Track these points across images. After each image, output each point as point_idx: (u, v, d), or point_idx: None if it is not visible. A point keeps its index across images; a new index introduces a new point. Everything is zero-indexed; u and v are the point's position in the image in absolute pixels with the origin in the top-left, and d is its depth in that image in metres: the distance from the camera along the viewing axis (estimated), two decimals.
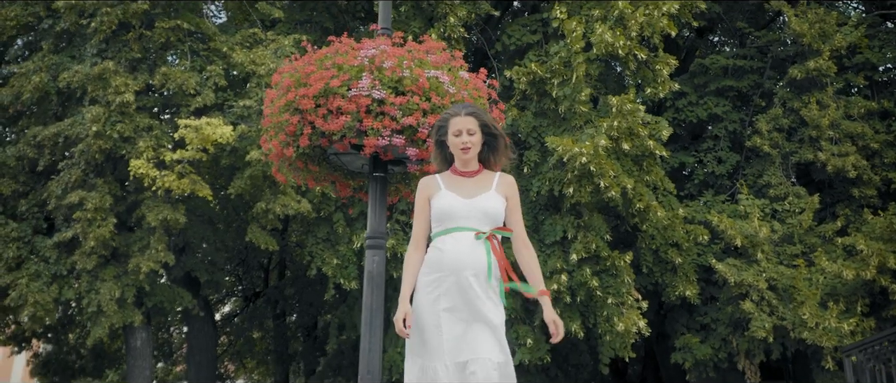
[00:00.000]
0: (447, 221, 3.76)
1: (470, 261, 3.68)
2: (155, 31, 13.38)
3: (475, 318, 3.65)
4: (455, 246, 3.70)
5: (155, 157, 12.55)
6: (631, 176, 13.43)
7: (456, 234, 3.73)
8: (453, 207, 3.76)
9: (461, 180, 3.88)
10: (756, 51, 17.37)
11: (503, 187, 3.88)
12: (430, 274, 3.73)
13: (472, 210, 3.75)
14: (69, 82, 12.56)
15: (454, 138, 3.87)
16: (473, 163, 3.91)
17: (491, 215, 3.77)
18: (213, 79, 13.24)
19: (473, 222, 3.74)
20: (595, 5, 14.28)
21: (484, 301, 3.67)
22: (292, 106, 5.41)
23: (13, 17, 13.37)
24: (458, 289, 3.67)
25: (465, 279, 3.65)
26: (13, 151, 13.18)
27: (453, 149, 3.88)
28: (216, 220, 16.04)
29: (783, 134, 15.25)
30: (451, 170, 3.94)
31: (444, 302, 3.67)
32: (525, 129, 14.31)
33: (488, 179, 3.89)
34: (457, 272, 3.67)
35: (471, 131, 3.86)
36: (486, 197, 3.79)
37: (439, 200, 3.81)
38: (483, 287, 3.69)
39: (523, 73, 13.94)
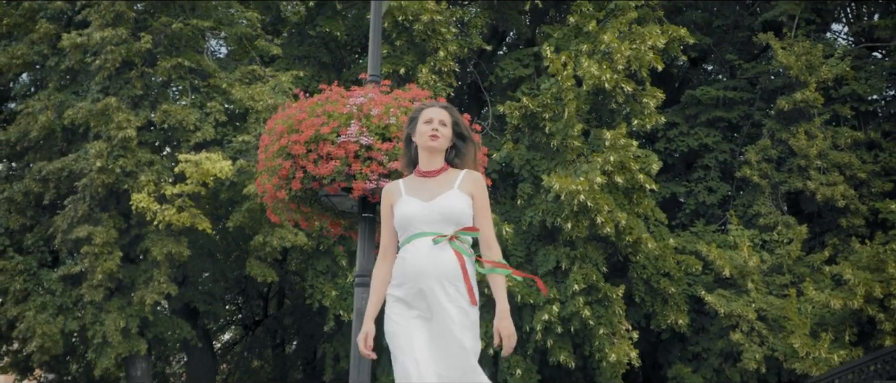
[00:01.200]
0: (408, 228, 3.53)
1: (431, 268, 3.43)
2: (156, 69, 13.75)
3: (447, 340, 3.39)
4: (415, 254, 3.47)
5: (156, 191, 12.85)
6: (622, 209, 13.71)
7: (416, 242, 3.50)
8: (412, 213, 3.52)
9: (423, 182, 3.61)
10: (746, 82, 17.71)
11: (468, 184, 3.57)
12: (398, 286, 3.53)
13: (431, 213, 3.50)
14: (73, 119, 12.89)
15: (423, 125, 3.61)
16: (438, 159, 3.63)
17: (452, 216, 3.49)
18: (213, 114, 13.57)
19: (433, 226, 3.49)
20: (583, 40, 14.63)
21: (454, 316, 3.40)
22: (285, 151, 5.70)
23: (20, 55, 13.74)
24: (424, 301, 3.46)
25: (430, 289, 3.43)
26: (19, 187, 13.50)
27: (420, 137, 3.61)
28: (216, 251, 16.31)
29: (772, 164, 15.54)
30: (414, 173, 3.69)
31: (414, 314, 3.48)
32: (519, 162, 14.60)
33: (451, 177, 3.60)
34: (420, 281, 3.44)
35: (443, 122, 3.62)
36: (447, 196, 3.52)
37: (400, 207, 3.58)
38: (451, 297, 3.43)
39: (515, 108, 14.26)
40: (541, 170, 14.28)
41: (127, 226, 13.85)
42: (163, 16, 13.93)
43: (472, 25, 15.45)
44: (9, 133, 13.54)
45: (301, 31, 16.88)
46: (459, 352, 3.37)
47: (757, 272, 13.94)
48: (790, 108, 15.37)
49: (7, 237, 13.80)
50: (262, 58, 15.17)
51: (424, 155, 3.63)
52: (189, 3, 14.30)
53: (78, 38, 12.90)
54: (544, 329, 13.25)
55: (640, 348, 13.97)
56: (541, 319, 13.16)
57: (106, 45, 12.93)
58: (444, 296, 3.42)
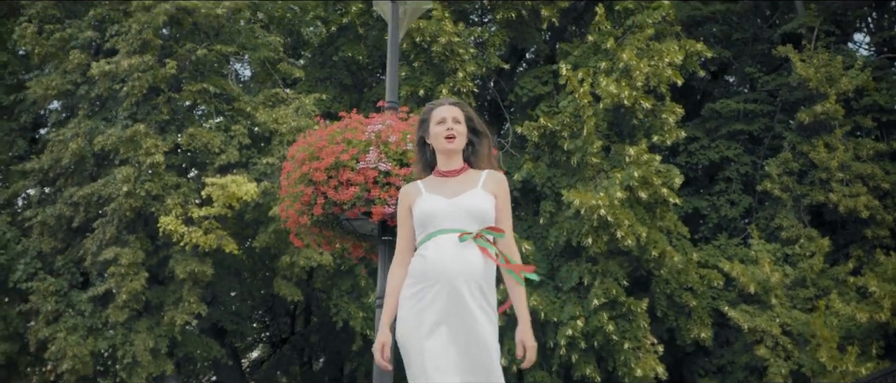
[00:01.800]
0: (429, 225, 3.40)
1: (457, 266, 3.30)
2: (182, 94, 14.06)
3: (468, 339, 3.25)
4: (438, 251, 3.33)
5: (183, 214, 13.13)
6: (644, 223, 13.78)
7: (439, 238, 3.36)
8: (434, 209, 3.40)
9: (444, 181, 3.52)
10: (767, 94, 17.72)
11: (491, 184, 3.49)
12: (414, 285, 3.36)
13: (456, 210, 3.38)
14: (104, 146, 13.22)
15: (437, 127, 3.53)
16: (457, 159, 3.55)
17: (477, 214, 3.39)
18: (238, 137, 13.85)
19: (458, 223, 3.37)
20: (602, 57, 14.74)
21: (477, 316, 3.27)
22: (306, 178, 5.90)
23: (54, 86, 14.12)
24: (447, 300, 3.27)
25: (455, 288, 3.27)
26: (52, 211, 13.84)
27: (436, 140, 3.53)
28: (242, 271, 16.57)
29: (794, 177, 15.53)
30: (433, 173, 3.59)
31: (431, 316, 3.28)
32: (540, 180, 14.72)
33: (474, 177, 3.51)
34: (443, 280, 3.28)
35: (456, 119, 3.53)
36: (471, 194, 3.42)
37: (420, 205, 3.45)
38: (475, 297, 3.30)
39: (534, 128, 14.37)
40: (561, 187, 14.39)
41: (154, 247, 14.13)
42: (188, 42, 14.24)
43: (490, 45, 15.61)
44: (42, 161, 13.89)
45: (323, 53, 17.16)
46: (484, 354, 3.23)
47: (780, 287, 13.92)
48: (811, 121, 15.37)
49: (39, 260, 14.14)
50: (284, 80, 15.45)
51: (442, 157, 3.54)
52: (213, 29, 14.61)
53: (106, 66, 13.24)
54: (568, 344, 13.33)
55: (665, 362, 14.00)
56: (564, 334, 13.25)
57: (133, 72, 13.25)
58: (470, 297, 3.27)
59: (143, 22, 13.39)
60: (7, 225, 14.58)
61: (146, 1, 13.55)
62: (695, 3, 18.28)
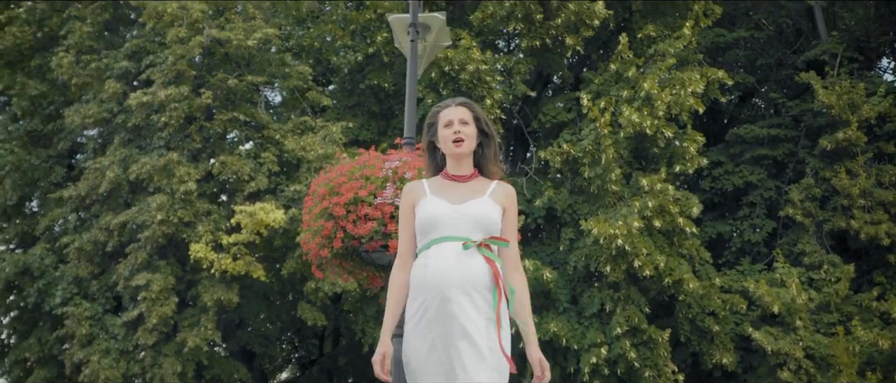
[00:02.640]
0: (432, 231, 3.25)
1: (457, 275, 3.14)
2: (214, 122, 14.50)
3: (454, 356, 3.06)
4: (440, 260, 3.17)
5: (212, 241, 13.52)
6: (662, 252, 13.92)
7: (441, 246, 3.21)
8: (438, 214, 3.24)
9: (451, 185, 3.36)
10: (791, 119, 17.80)
11: (500, 196, 3.35)
12: (416, 298, 3.21)
13: (461, 217, 3.22)
14: (138, 175, 13.68)
15: (444, 130, 3.36)
16: (467, 164, 3.39)
17: (483, 223, 3.24)
18: (267, 165, 14.24)
19: (462, 231, 3.21)
20: (623, 86, 14.95)
21: (480, 330, 3.09)
22: (327, 212, 6.21)
23: (90, 115, 14.64)
24: (445, 317, 3.11)
25: (454, 299, 3.11)
26: (88, 236, 14.31)
27: (444, 144, 3.37)
28: (270, 295, 16.94)
29: (816, 203, 15.58)
30: (441, 175, 3.43)
31: (435, 330, 3.12)
32: (561, 207, 14.92)
33: (483, 185, 3.37)
34: (443, 291, 3.12)
35: (464, 120, 3.36)
36: (478, 202, 3.28)
37: (424, 207, 3.29)
38: (478, 308, 3.13)
39: (556, 154, 14.60)
40: (582, 214, 14.58)
41: (183, 272, 14.54)
42: (220, 72, 14.70)
43: (516, 73, 15.88)
44: (79, 188, 14.38)
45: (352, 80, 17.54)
46: (482, 370, 3.06)
47: (805, 310, 13.97)
48: (833, 147, 15.44)
49: (75, 285, 14.61)
50: (313, 108, 15.84)
51: (452, 161, 3.39)
52: (244, 59, 15.06)
53: (144, 96, 13.72)
54: (591, 371, 13.47)
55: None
56: (588, 361, 13.39)
57: (170, 103, 13.71)
58: (472, 308, 3.12)
59: (179, 54, 13.85)
60: (46, 250, 15.07)
61: (181, 32, 14.01)
62: (719, 29, 18.42)
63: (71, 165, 17.34)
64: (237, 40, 14.09)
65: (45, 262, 14.96)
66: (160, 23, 14.30)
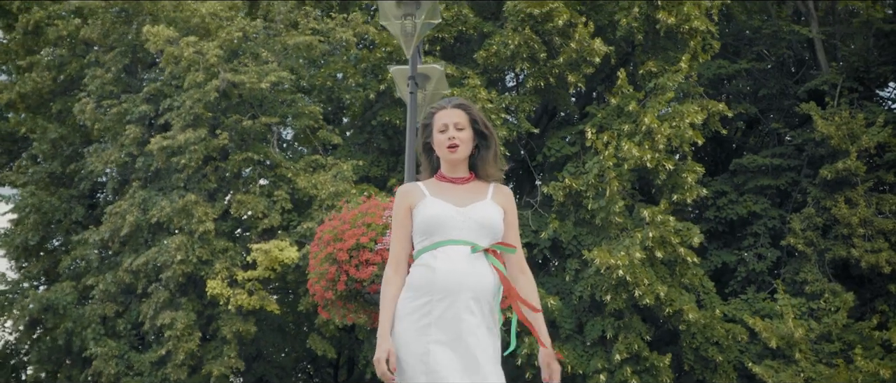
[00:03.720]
0: (436, 233, 3.13)
1: (469, 280, 3.07)
2: (229, 162, 15.04)
3: (466, 364, 3.00)
4: (450, 263, 3.07)
5: (228, 277, 14.02)
6: (664, 282, 14.25)
7: (448, 249, 3.10)
8: (444, 216, 3.13)
9: (450, 187, 3.26)
10: (794, 149, 18.11)
11: (500, 197, 3.29)
12: (418, 298, 3.08)
13: (467, 220, 3.14)
14: (159, 218, 14.22)
15: (440, 135, 3.26)
16: (463, 168, 3.31)
17: (489, 227, 3.17)
18: (280, 202, 14.74)
19: (469, 235, 3.13)
20: (625, 120, 15.36)
21: (480, 340, 3.04)
22: (331, 257, 6.68)
23: (111, 160, 15.23)
24: (453, 319, 3.04)
25: (464, 304, 3.04)
26: (112, 278, 14.85)
27: (438, 148, 3.28)
28: (285, 327, 17.40)
29: (817, 232, 15.87)
30: (436, 177, 3.32)
31: (435, 334, 3.02)
32: (566, 238, 15.31)
33: (482, 188, 3.29)
34: (453, 295, 3.04)
35: (459, 125, 3.26)
36: (482, 205, 3.20)
37: (425, 209, 3.17)
38: (485, 316, 3.09)
39: (560, 188, 15.00)
40: (586, 245, 14.96)
41: (202, 306, 15.02)
42: (234, 114, 15.26)
43: (520, 110, 16.28)
44: (101, 231, 14.94)
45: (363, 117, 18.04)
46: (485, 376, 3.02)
47: (805, 341, 14.23)
48: (833, 177, 15.74)
49: (101, 324, 15.15)
50: (324, 146, 16.35)
51: (447, 164, 3.31)
52: (257, 100, 15.61)
53: (163, 141, 14.28)
54: None
55: None
56: None
57: (188, 146, 14.26)
58: (480, 314, 3.07)
59: (196, 98, 14.43)
60: (70, 288, 15.61)
61: (199, 77, 14.59)
62: (721, 61, 18.82)
63: (91, 205, 17.91)
64: (250, 83, 14.64)
65: (67, 299, 15.48)
66: (177, 67, 14.88)
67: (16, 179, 18.22)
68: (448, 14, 15.63)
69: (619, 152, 14.71)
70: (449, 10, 15.72)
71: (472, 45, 17.06)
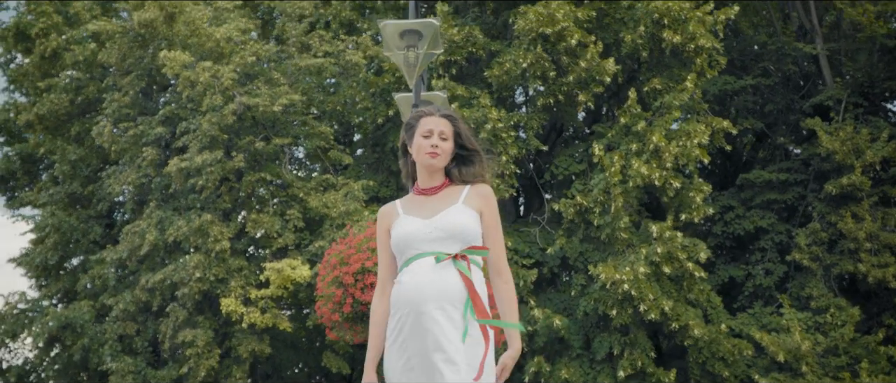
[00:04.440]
0: (406, 250, 3.12)
1: (431, 289, 3.01)
2: (243, 183, 15.39)
3: (438, 378, 2.92)
4: (412, 276, 3.06)
5: (242, 295, 14.34)
6: (670, 297, 14.44)
7: (414, 263, 3.09)
8: (410, 233, 3.11)
9: (423, 200, 3.21)
10: (800, 163, 18.26)
11: (474, 199, 3.19)
12: (394, 316, 3.07)
13: (433, 231, 3.10)
14: (176, 237, 14.58)
15: (422, 139, 3.19)
16: (439, 175, 3.23)
17: (457, 233, 3.09)
18: (293, 221, 15.06)
19: (436, 245, 3.08)
20: (633, 139, 15.57)
21: (448, 353, 2.93)
22: (338, 280, 6.96)
23: (129, 181, 15.63)
24: (419, 332, 2.97)
25: (429, 315, 2.98)
26: (131, 297, 15.22)
27: (418, 152, 3.20)
28: (298, 344, 17.70)
29: (823, 247, 16.02)
30: (413, 191, 3.30)
31: (411, 348, 2.99)
32: (572, 255, 15.52)
33: (455, 192, 3.21)
34: (416, 306, 3.00)
35: (443, 135, 3.20)
36: (450, 212, 3.13)
37: (397, 228, 3.17)
38: (455, 322, 2.99)
39: (570, 205, 15.20)
40: (593, 261, 15.17)
41: (218, 324, 15.35)
42: (248, 136, 15.61)
43: (529, 128, 16.50)
44: (119, 251, 15.31)
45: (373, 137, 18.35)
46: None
47: (811, 355, 14.37)
48: (838, 192, 15.90)
49: (119, 342, 15.50)
50: (335, 166, 16.68)
51: (423, 172, 3.25)
52: (270, 122, 15.96)
53: (181, 163, 14.65)
54: None
55: None
56: None
57: (205, 167, 14.62)
58: (448, 322, 2.98)
59: (213, 121, 14.80)
60: (88, 306, 15.98)
61: (216, 100, 14.96)
62: (727, 77, 19.01)
63: (109, 224, 18.31)
64: (263, 106, 14.99)
65: (85, 317, 15.84)
66: (193, 91, 15.25)
67: (35, 200, 18.65)
68: (458, 36, 15.89)
69: (628, 170, 14.90)
70: (459, 31, 15.98)
71: (482, 65, 17.33)
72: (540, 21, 15.16)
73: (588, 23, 16.50)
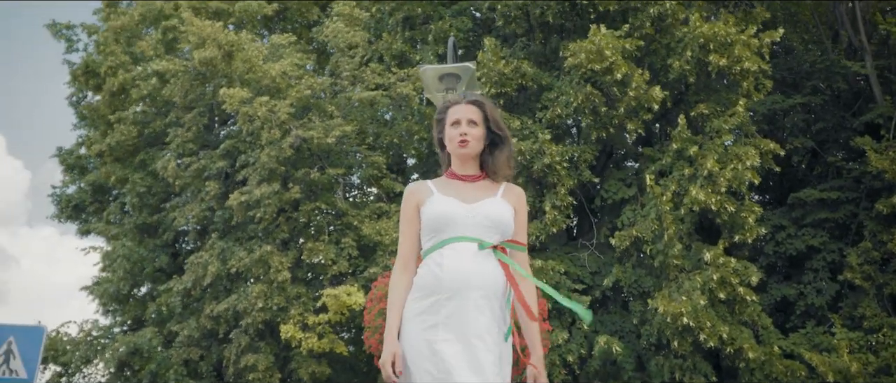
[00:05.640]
0: (444, 231, 3.07)
1: (477, 278, 2.99)
2: (299, 213, 16.04)
3: (471, 364, 2.89)
4: (457, 260, 3.01)
5: (300, 321, 14.95)
6: (725, 321, 14.57)
7: (456, 245, 3.05)
8: (451, 213, 3.08)
9: (459, 184, 3.21)
10: (852, 181, 18.16)
11: (511, 196, 3.23)
12: (425, 298, 3.01)
13: (474, 216, 3.08)
14: (238, 268, 15.28)
15: (451, 129, 3.22)
16: (473, 165, 3.25)
17: (499, 224, 3.10)
18: (347, 249, 15.64)
19: (477, 231, 3.06)
20: (685, 164, 15.72)
21: (487, 343, 2.92)
22: (383, 312, 7.40)
23: (193, 214, 16.42)
24: (461, 319, 2.95)
25: (473, 303, 2.97)
26: (195, 324, 15.97)
27: (450, 143, 3.23)
28: (356, 367, 18.26)
29: (875, 266, 15.94)
30: (445, 174, 3.31)
31: (443, 334, 2.94)
32: (626, 283, 15.73)
33: (492, 187, 3.23)
34: (461, 294, 2.97)
35: (472, 121, 3.20)
36: (492, 202, 3.14)
37: (432, 206, 3.12)
38: (496, 315, 3.00)
39: (626, 238, 15.39)
40: (646, 287, 15.38)
41: (278, 349, 15.98)
42: (304, 167, 16.28)
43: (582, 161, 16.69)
44: (184, 281, 16.10)
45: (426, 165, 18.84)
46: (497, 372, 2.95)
47: (862, 375, 14.33)
48: (889, 212, 15.83)
49: (184, 366, 16.26)
50: (387, 195, 17.24)
51: (457, 160, 3.27)
52: (325, 153, 16.61)
53: (241, 196, 15.38)
54: None
55: None
56: None
57: (264, 199, 15.31)
58: (490, 313, 2.98)
59: (272, 155, 15.50)
60: (155, 333, 16.79)
61: (274, 135, 15.67)
62: (775, 96, 19.03)
63: (175, 253, 19.18)
64: (318, 138, 15.63)
65: (152, 344, 16.65)
66: (252, 125, 15.99)
67: (106, 230, 19.63)
68: (508, 69, 16.27)
69: (682, 197, 15.05)
70: (508, 65, 16.37)
71: (530, 95, 17.67)
72: (590, 58, 15.37)
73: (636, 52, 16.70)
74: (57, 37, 21.96)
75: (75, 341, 17.96)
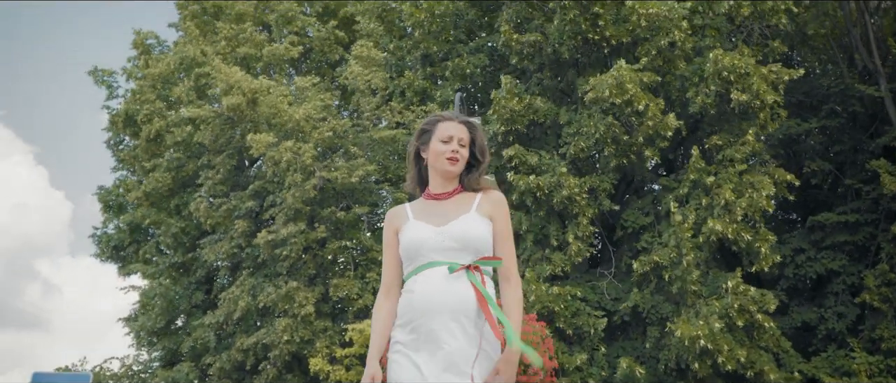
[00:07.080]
0: (416, 257, 3.06)
1: (445, 299, 2.95)
2: (325, 250, 16.66)
3: (447, 366, 2.89)
4: (426, 285, 2.99)
5: (328, 354, 15.52)
6: (743, 345, 14.83)
7: (427, 272, 3.02)
8: (420, 239, 3.05)
9: (434, 205, 3.16)
10: (871, 203, 18.30)
11: (487, 207, 3.13)
12: (405, 326, 2.99)
13: (445, 239, 3.04)
14: (266, 303, 15.92)
15: (441, 145, 3.15)
16: (453, 182, 3.19)
17: (469, 243, 3.04)
18: (372, 284, 16.20)
19: (448, 254, 3.02)
20: (701, 193, 16.05)
21: (462, 368, 2.89)
22: None
23: (224, 252, 17.14)
24: (432, 345, 2.92)
25: (442, 325, 2.92)
26: (227, 357, 16.62)
27: (436, 158, 3.15)
28: None
29: (892, 288, 16.10)
30: (423, 195, 3.25)
31: (421, 359, 2.92)
32: (644, 308, 16.05)
33: (468, 200, 3.15)
34: (429, 316, 2.94)
35: (462, 142, 3.17)
36: (463, 220, 3.07)
37: (406, 233, 3.10)
38: (470, 335, 2.93)
39: (647, 264, 15.74)
40: (665, 313, 15.69)
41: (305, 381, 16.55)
42: (329, 206, 16.91)
43: (602, 190, 17.06)
44: (216, 315, 16.78)
45: None
46: None
47: None
48: None
49: None
50: None
51: (438, 178, 3.19)
52: (349, 192, 17.23)
53: (268, 235, 16.04)
54: None
55: None
56: None
57: (290, 238, 15.95)
58: (463, 336, 2.92)
59: (296, 195, 16.15)
60: (191, 368, 17.48)
61: (297, 178, 16.33)
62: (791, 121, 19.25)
63: (208, 289, 19.90)
64: (342, 178, 16.26)
65: (189, 378, 17.33)
66: (278, 168, 16.67)
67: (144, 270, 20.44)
68: (519, 106, 16.73)
69: (701, 226, 15.37)
70: (521, 101, 16.83)
71: (545, 128, 18.09)
72: (613, 92, 15.77)
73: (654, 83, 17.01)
74: (98, 84, 23.07)
75: (117, 375, 18.71)
